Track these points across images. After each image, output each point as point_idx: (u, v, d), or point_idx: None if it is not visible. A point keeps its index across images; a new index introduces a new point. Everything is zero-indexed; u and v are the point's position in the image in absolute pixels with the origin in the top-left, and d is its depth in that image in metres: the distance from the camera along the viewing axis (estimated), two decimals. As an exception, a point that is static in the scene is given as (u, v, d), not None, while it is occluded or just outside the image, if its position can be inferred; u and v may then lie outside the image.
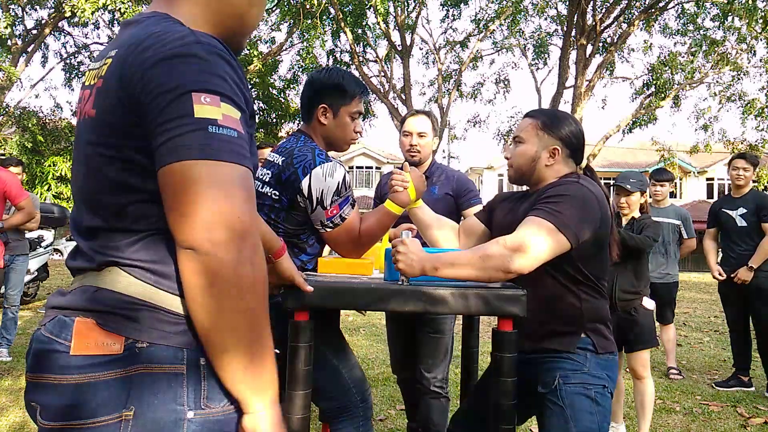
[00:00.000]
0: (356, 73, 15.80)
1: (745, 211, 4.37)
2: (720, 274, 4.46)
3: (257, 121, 17.74)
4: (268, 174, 1.86)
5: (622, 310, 3.08)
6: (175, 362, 0.83)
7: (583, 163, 1.89)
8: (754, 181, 4.54)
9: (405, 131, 2.81)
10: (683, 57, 15.12)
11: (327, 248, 2.03)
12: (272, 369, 0.86)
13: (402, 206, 1.88)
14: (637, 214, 3.24)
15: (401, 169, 1.94)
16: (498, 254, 1.56)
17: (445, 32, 19.51)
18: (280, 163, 1.83)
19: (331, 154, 1.94)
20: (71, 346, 0.82)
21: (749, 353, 4.51)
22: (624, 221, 3.23)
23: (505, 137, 18.67)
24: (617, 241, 1.86)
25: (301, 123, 2.04)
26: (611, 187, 4.30)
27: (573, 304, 1.69)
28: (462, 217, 2.75)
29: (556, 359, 1.68)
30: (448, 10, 16.24)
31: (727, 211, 4.47)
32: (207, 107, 0.79)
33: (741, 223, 4.38)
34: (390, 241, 1.97)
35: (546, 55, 17.74)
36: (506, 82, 18.92)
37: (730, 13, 13.30)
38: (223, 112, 0.81)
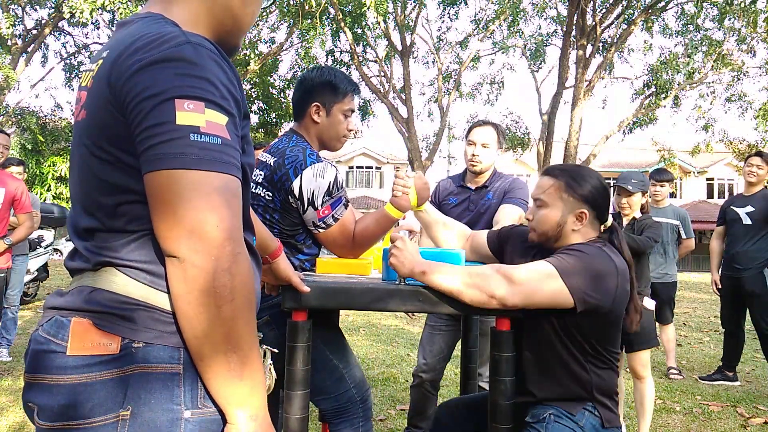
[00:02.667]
0: (356, 73, 15.87)
1: (753, 209, 4.33)
2: (716, 285, 4.55)
3: (257, 121, 17.89)
4: (260, 175, 1.86)
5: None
6: (172, 362, 0.83)
7: (609, 221, 1.76)
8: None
9: (469, 140, 2.77)
10: (681, 58, 15.12)
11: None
12: (255, 382, 0.84)
13: (402, 211, 1.86)
14: (638, 214, 3.24)
15: (412, 172, 1.95)
16: (488, 276, 1.52)
17: (440, 30, 19.51)
18: (272, 164, 1.83)
19: (325, 155, 1.93)
20: (68, 347, 0.82)
21: (739, 351, 4.57)
22: (625, 221, 3.23)
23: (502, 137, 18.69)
24: (639, 309, 1.69)
25: (293, 122, 2.03)
26: (612, 188, 4.31)
27: (581, 374, 1.60)
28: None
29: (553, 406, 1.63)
30: (444, 8, 16.24)
31: (735, 208, 4.45)
32: (190, 114, 0.78)
33: (746, 221, 4.35)
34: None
35: (541, 60, 17.77)
36: (500, 84, 18.93)
37: (728, 15, 13.30)
38: (207, 119, 0.80)
